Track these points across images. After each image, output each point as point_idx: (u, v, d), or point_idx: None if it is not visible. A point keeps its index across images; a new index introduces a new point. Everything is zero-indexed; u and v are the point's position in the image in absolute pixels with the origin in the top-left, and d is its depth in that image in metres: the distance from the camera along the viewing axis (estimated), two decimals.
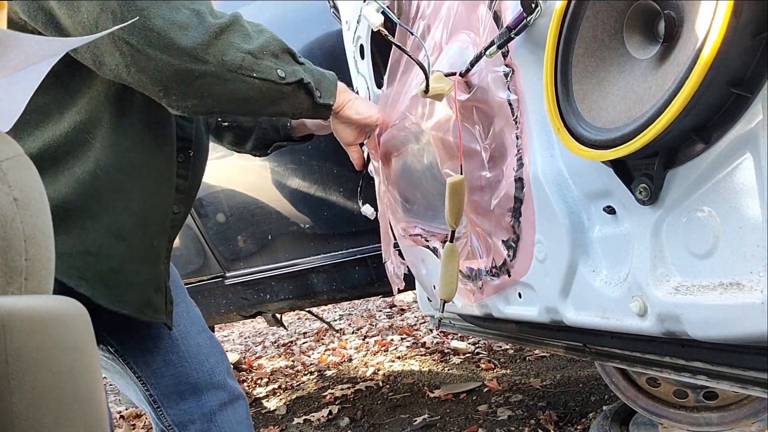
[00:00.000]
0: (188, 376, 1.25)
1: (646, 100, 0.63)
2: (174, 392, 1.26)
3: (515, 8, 0.85)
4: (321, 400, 2.85)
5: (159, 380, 1.25)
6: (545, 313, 0.95)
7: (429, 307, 1.53)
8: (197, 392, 1.26)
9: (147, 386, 1.26)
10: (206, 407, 1.27)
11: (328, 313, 5.41)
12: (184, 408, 1.26)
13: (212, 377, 1.27)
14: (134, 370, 1.26)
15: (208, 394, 1.27)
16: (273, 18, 2.22)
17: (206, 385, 1.27)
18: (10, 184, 0.43)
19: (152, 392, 1.26)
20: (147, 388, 1.26)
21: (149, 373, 1.25)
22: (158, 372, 1.25)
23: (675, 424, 1.43)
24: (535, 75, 0.86)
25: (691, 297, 0.67)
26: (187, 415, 1.27)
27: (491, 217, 1.01)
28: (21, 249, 0.43)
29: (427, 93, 0.96)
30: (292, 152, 2.13)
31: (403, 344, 3.68)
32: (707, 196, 0.64)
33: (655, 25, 0.66)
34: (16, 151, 0.46)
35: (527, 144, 0.91)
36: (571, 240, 0.85)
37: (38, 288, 0.45)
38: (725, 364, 0.75)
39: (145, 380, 1.26)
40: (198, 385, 1.26)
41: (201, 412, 1.27)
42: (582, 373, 2.46)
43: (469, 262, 1.13)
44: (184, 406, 1.26)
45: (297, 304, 2.49)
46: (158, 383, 1.25)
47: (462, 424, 2.21)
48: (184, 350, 1.25)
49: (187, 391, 1.26)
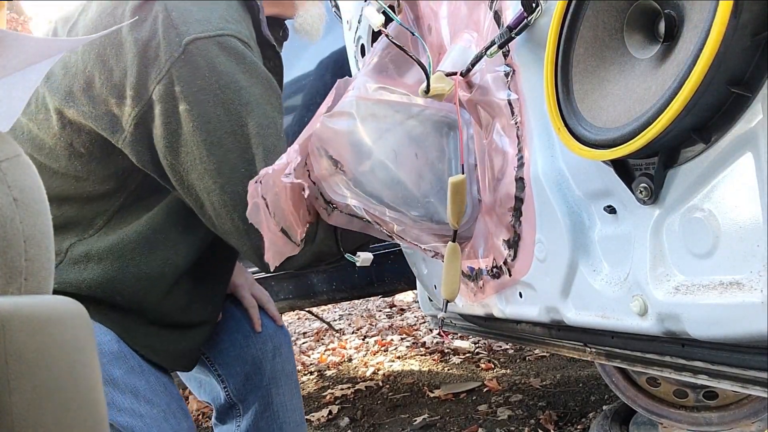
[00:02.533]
0: (253, 356, 1.36)
1: (647, 100, 0.63)
2: (240, 372, 1.36)
3: (516, 8, 0.85)
4: (321, 400, 2.85)
5: (225, 360, 1.36)
6: (546, 313, 0.95)
7: (430, 306, 1.53)
8: (261, 372, 1.37)
9: (216, 368, 1.37)
10: (266, 390, 1.37)
11: (328, 313, 5.41)
12: (248, 388, 1.36)
13: (275, 359, 1.38)
14: (205, 355, 1.38)
15: (269, 377, 1.37)
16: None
17: (269, 367, 1.37)
18: (9, 184, 0.43)
19: (221, 372, 1.37)
20: (216, 370, 1.38)
21: (216, 353, 1.36)
22: (224, 351, 1.36)
23: (675, 423, 1.43)
24: (536, 75, 0.86)
25: (692, 297, 0.67)
26: (250, 395, 1.37)
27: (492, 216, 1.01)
28: (21, 249, 0.43)
29: (428, 93, 0.96)
30: None
31: (403, 344, 3.68)
32: (707, 196, 0.64)
33: (656, 24, 0.66)
34: (16, 151, 0.46)
35: (528, 143, 0.91)
36: (572, 240, 0.85)
37: (38, 288, 0.45)
38: (725, 364, 0.75)
39: (214, 361, 1.37)
40: (262, 364, 1.36)
41: (262, 394, 1.36)
42: (582, 373, 2.46)
43: (470, 261, 1.13)
44: (248, 386, 1.36)
45: (297, 304, 2.49)
46: (224, 362, 1.36)
47: (462, 424, 2.21)
48: (248, 329, 1.36)
49: (252, 372, 1.37)
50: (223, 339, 1.35)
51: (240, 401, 1.38)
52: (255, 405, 1.36)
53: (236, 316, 1.38)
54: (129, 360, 1.15)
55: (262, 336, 1.36)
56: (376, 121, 1.02)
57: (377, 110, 1.02)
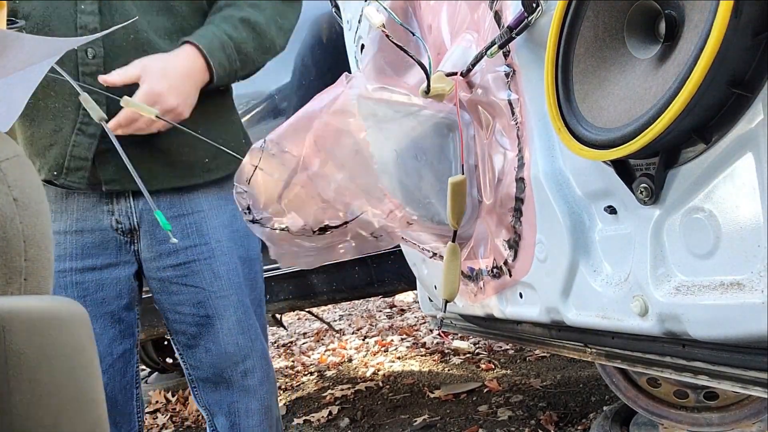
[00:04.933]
0: (223, 371, 1.31)
1: (647, 100, 0.63)
2: (210, 380, 1.33)
3: (516, 8, 0.85)
4: (321, 401, 2.85)
5: (199, 365, 1.33)
6: (546, 313, 0.95)
7: (430, 307, 1.53)
8: (230, 388, 1.32)
9: (188, 368, 1.35)
10: (234, 407, 1.33)
11: (328, 313, 5.41)
12: (215, 398, 1.34)
13: (245, 380, 1.32)
14: (180, 351, 1.35)
15: (237, 394, 1.33)
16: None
17: (238, 385, 1.32)
18: (9, 184, 0.43)
19: (192, 374, 1.35)
20: (188, 370, 1.35)
21: (192, 356, 1.33)
22: (198, 357, 1.32)
23: (675, 424, 1.43)
24: (536, 75, 0.86)
25: (692, 297, 0.67)
26: (218, 405, 1.34)
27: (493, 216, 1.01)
28: (20, 249, 0.43)
29: (429, 93, 0.96)
30: None
31: (403, 344, 3.68)
32: (708, 196, 0.64)
33: (656, 24, 0.66)
34: (16, 151, 0.46)
35: (528, 144, 0.91)
36: (572, 240, 0.85)
37: (38, 288, 0.45)
38: (726, 364, 0.75)
39: (187, 362, 1.34)
40: (231, 381, 1.32)
41: (228, 409, 1.33)
42: (582, 374, 2.46)
43: (470, 261, 1.13)
44: (215, 396, 1.34)
45: (297, 305, 2.49)
46: (198, 367, 1.33)
47: (462, 425, 2.21)
48: (223, 345, 1.30)
49: (221, 384, 1.33)
50: (198, 344, 1.32)
51: (205, 408, 1.37)
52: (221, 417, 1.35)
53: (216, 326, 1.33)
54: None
55: (234, 356, 1.32)
56: (377, 122, 1.01)
57: (378, 110, 1.01)
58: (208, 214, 1.29)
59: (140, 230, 1.25)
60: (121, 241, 1.25)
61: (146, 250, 1.26)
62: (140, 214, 1.25)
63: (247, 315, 1.33)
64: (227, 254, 1.30)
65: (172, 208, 1.27)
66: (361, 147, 0.98)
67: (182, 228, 1.27)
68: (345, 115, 0.99)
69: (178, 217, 1.27)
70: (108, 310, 1.26)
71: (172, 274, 1.27)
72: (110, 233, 1.24)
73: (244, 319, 1.32)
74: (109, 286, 1.26)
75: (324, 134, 1.01)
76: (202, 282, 1.28)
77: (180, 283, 1.28)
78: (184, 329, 1.31)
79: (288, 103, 2.16)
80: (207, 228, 1.29)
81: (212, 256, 1.29)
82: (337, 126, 0.99)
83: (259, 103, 2.22)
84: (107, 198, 1.24)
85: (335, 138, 1.00)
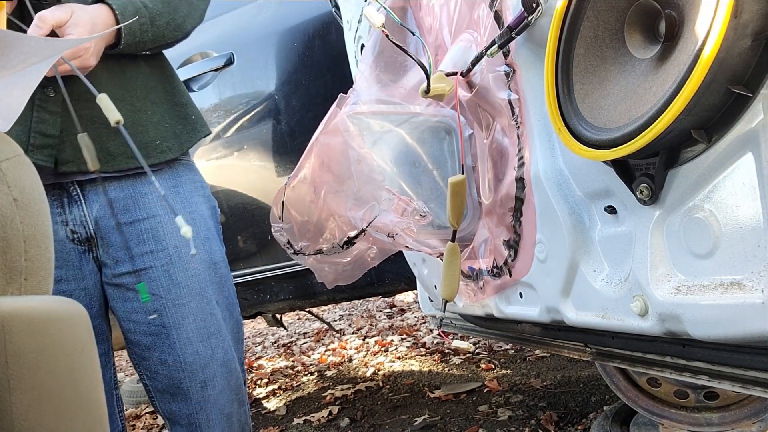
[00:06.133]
0: (180, 382, 1.26)
1: (647, 100, 0.63)
2: (167, 391, 1.28)
3: (516, 8, 0.85)
4: (321, 401, 2.85)
5: (154, 376, 1.28)
6: (546, 313, 0.95)
7: (430, 306, 1.53)
8: (187, 399, 1.27)
9: (144, 378, 1.30)
10: (193, 418, 1.28)
11: (328, 313, 5.41)
12: (173, 409, 1.29)
13: (204, 390, 1.27)
14: (135, 361, 1.30)
15: (196, 406, 1.27)
16: (272, 18, 2.22)
17: (197, 396, 1.27)
18: (9, 184, 0.43)
19: (148, 384, 1.30)
20: (144, 380, 1.30)
21: (146, 367, 1.28)
22: (153, 369, 1.27)
23: (676, 424, 1.43)
24: (536, 74, 0.86)
25: (692, 297, 0.67)
26: (176, 416, 1.29)
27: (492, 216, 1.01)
28: (21, 249, 0.43)
29: (428, 93, 0.96)
30: (291, 152, 2.13)
31: (404, 344, 3.68)
32: (708, 196, 0.64)
33: (656, 24, 0.66)
34: (16, 151, 0.46)
35: (528, 144, 0.91)
36: (572, 240, 0.85)
37: (38, 288, 0.45)
38: (726, 364, 0.75)
39: (143, 372, 1.29)
40: (189, 393, 1.27)
41: (188, 420, 1.28)
42: (582, 374, 2.46)
43: (470, 261, 1.13)
44: (173, 407, 1.29)
45: (297, 305, 2.49)
46: (154, 378, 1.28)
47: (462, 425, 2.21)
48: (180, 355, 1.25)
49: (179, 395, 1.27)
50: (152, 356, 1.27)
51: (166, 417, 1.33)
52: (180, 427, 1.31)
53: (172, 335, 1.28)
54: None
55: (192, 365, 1.27)
56: (373, 134, 1.04)
57: (372, 123, 1.04)
58: (164, 219, 1.25)
59: (97, 237, 1.23)
60: (79, 250, 1.23)
61: (104, 255, 1.24)
62: (95, 221, 1.22)
63: (207, 322, 1.28)
64: (185, 259, 1.26)
65: (127, 213, 1.23)
66: (363, 155, 1.00)
67: (137, 234, 1.23)
68: (342, 132, 1.01)
69: (132, 222, 1.23)
70: None
71: (128, 280, 1.24)
72: (68, 244, 1.21)
73: (203, 327, 1.27)
74: (78, 297, 1.22)
75: (327, 154, 1.04)
76: (158, 289, 1.24)
77: (136, 290, 1.23)
78: (138, 339, 1.26)
79: (288, 103, 2.17)
80: (163, 233, 1.25)
81: (170, 262, 1.24)
82: (337, 143, 1.02)
83: (258, 103, 2.23)
84: (59, 207, 1.21)
85: (337, 154, 1.02)
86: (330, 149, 1.03)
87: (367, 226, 1.01)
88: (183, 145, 1.29)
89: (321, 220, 1.08)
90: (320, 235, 1.10)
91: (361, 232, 1.03)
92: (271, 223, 1.16)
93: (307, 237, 1.13)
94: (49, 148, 1.15)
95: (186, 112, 1.32)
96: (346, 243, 1.06)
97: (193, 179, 1.34)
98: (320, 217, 1.08)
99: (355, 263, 1.13)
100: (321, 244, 1.11)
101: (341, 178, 1.03)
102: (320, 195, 1.06)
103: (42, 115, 1.15)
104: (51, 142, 1.15)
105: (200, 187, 1.35)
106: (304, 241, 1.14)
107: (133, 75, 1.26)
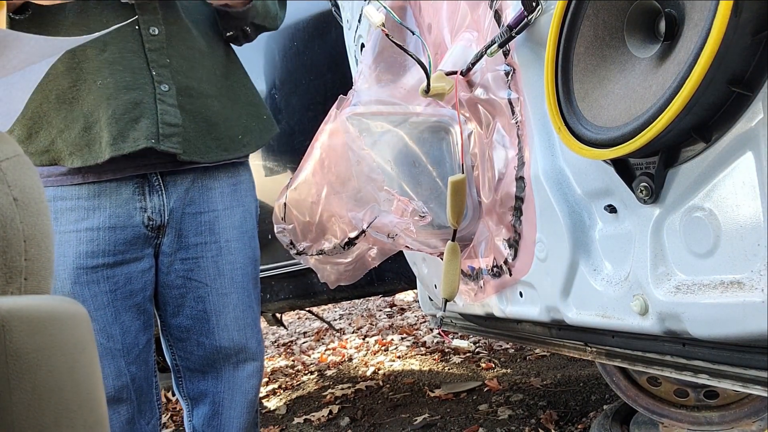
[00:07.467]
0: (215, 362, 1.37)
1: (647, 99, 0.63)
2: (198, 370, 1.38)
3: (516, 7, 0.85)
4: (321, 400, 2.85)
5: (188, 356, 1.38)
6: (546, 313, 0.95)
7: (430, 306, 1.53)
8: (218, 378, 1.38)
9: (176, 358, 1.40)
10: (218, 396, 1.38)
11: (328, 312, 5.42)
12: (201, 387, 1.39)
13: (235, 371, 1.38)
14: (169, 342, 1.40)
15: (225, 384, 1.38)
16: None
17: (227, 376, 1.38)
18: (9, 184, 0.43)
19: (179, 363, 1.40)
20: (175, 360, 1.40)
21: (182, 347, 1.38)
22: (189, 349, 1.37)
23: (676, 423, 1.43)
24: (536, 74, 0.86)
25: (692, 296, 0.67)
26: (202, 394, 1.39)
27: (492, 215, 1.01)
28: (21, 249, 0.43)
29: (428, 92, 0.96)
30: (291, 151, 2.13)
31: (404, 344, 3.68)
32: (708, 195, 0.64)
33: (656, 23, 0.66)
34: (16, 151, 0.46)
35: (528, 143, 0.91)
36: (572, 239, 0.85)
37: (38, 288, 0.45)
38: (726, 363, 0.75)
39: (177, 352, 1.39)
40: (221, 372, 1.38)
41: (213, 399, 1.38)
42: (582, 373, 2.46)
43: (470, 260, 1.13)
44: (202, 386, 1.39)
45: (297, 304, 2.49)
46: (188, 358, 1.38)
47: (462, 424, 2.21)
48: (217, 340, 1.35)
49: (210, 373, 1.38)
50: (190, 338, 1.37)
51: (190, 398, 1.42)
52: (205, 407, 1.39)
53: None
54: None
55: (227, 350, 1.37)
56: (372, 135, 1.05)
57: (372, 124, 1.05)
58: (222, 214, 1.36)
59: (167, 227, 1.31)
60: (149, 236, 1.30)
61: (167, 245, 1.32)
62: (170, 211, 1.30)
63: (245, 313, 1.38)
64: (234, 254, 1.36)
65: (192, 204, 1.33)
66: (362, 156, 1.01)
67: (197, 225, 1.33)
68: (341, 134, 1.02)
69: (196, 214, 1.33)
70: (135, 302, 1.30)
71: (180, 267, 1.33)
72: (141, 229, 1.28)
73: (241, 318, 1.37)
74: (136, 278, 1.30)
75: (327, 155, 1.06)
76: (205, 278, 1.34)
77: (185, 276, 1.33)
78: (179, 322, 1.35)
79: (288, 103, 2.16)
80: (219, 227, 1.35)
81: (219, 254, 1.35)
82: (337, 144, 1.03)
83: None
84: (140, 194, 1.28)
85: (338, 155, 1.04)
86: (331, 150, 1.04)
87: (367, 227, 1.01)
88: (258, 142, 1.42)
89: (323, 220, 1.10)
90: (322, 236, 1.12)
91: (362, 233, 1.04)
92: (274, 224, 1.18)
93: (310, 237, 1.15)
94: (176, 136, 1.26)
95: (260, 111, 1.44)
96: (347, 243, 1.08)
97: (249, 179, 1.46)
98: (322, 217, 1.09)
99: (356, 263, 1.14)
100: (323, 245, 1.13)
101: (342, 179, 1.04)
102: (322, 196, 1.08)
103: (164, 107, 1.25)
104: (177, 131, 1.26)
105: (253, 187, 1.47)
106: (306, 242, 1.16)
107: (231, 72, 1.40)
